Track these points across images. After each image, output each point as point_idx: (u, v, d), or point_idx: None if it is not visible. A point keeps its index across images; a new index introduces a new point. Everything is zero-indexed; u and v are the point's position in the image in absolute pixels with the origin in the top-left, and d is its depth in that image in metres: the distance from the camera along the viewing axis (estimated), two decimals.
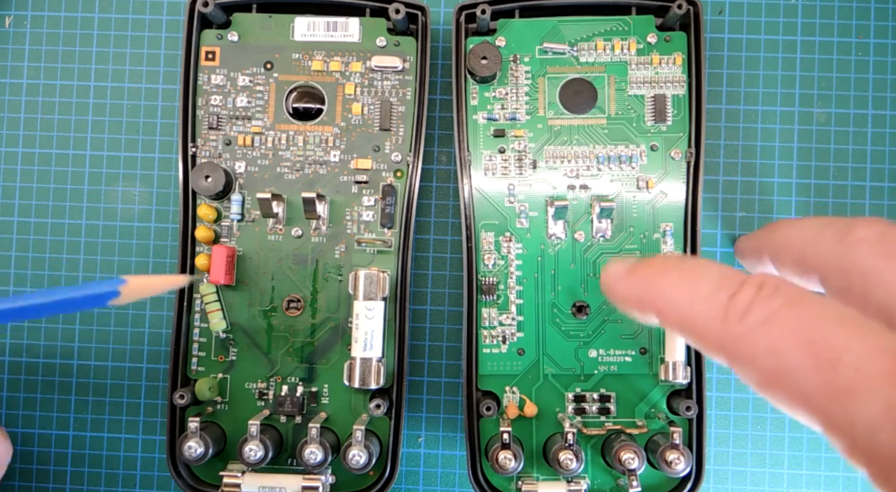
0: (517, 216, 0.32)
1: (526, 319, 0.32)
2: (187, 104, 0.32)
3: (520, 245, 0.32)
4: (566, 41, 0.32)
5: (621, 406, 0.31)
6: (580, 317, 0.31)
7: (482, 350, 0.32)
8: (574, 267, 0.32)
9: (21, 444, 0.35)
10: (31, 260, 0.35)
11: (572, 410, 0.31)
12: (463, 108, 0.32)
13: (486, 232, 0.32)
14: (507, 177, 0.32)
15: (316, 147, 0.33)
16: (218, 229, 0.33)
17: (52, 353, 0.35)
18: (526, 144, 0.32)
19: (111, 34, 0.35)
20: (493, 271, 0.32)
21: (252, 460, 0.30)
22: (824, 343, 0.16)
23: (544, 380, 0.32)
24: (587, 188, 0.32)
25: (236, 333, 0.32)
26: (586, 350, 0.31)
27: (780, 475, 0.34)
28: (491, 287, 0.32)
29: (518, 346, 0.32)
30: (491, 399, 0.31)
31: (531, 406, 0.31)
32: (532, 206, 0.32)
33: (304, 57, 0.33)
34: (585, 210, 0.32)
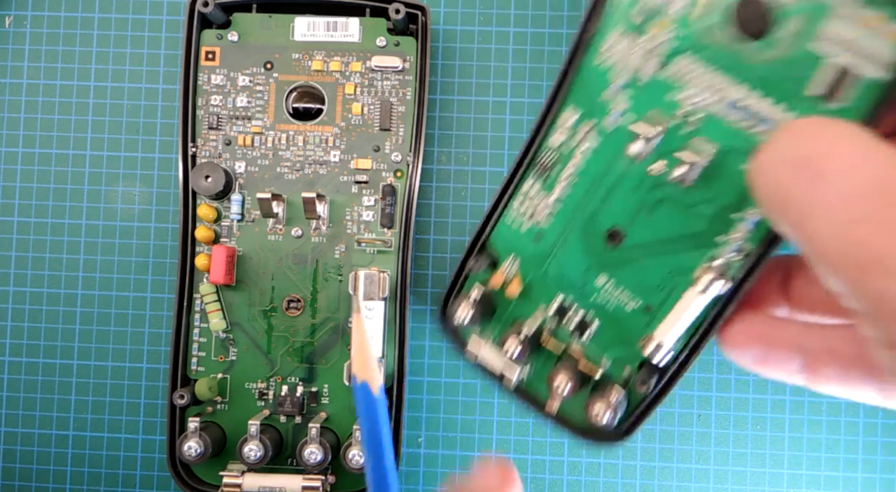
0: (608, 113, 0.26)
1: (560, 212, 0.28)
2: (187, 104, 0.32)
3: (596, 141, 0.27)
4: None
5: (597, 338, 0.29)
6: (610, 243, 0.28)
7: (506, 216, 0.29)
8: (634, 194, 0.27)
9: (21, 444, 0.35)
10: (31, 260, 0.35)
11: (554, 311, 0.29)
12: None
13: (573, 109, 0.27)
14: (622, 66, 0.25)
15: (316, 147, 0.33)
16: (218, 229, 0.33)
17: (52, 353, 0.35)
18: (666, 40, 0.25)
19: (111, 34, 0.35)
20: (557, 151, 0.27)
21: (252, 460, 0.30)
22: None
23: (543, 274, 0.29)
24: (695, 127, 0.25)
25: (236, 333, 0.33)
26: (596, 274, 0.28)
27: (780, 475, 0.34)
28: (545, 166, 0.28)
29: (539, 231, 0.29)
30: (487, 256, 0.29)
31: (516, 286, 0.29)
32: (631, 108, 0.26)
33: (304, 57, 0.33)
34: (679, 146, 0.25)
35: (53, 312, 0.35)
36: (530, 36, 0.35)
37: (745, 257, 0.24)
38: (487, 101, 0.35)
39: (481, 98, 0.35)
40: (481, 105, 0.35)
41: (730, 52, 0.23)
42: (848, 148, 0.17)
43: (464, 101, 0.35)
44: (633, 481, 0.34)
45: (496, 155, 0.35)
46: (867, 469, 0.34)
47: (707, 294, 0.25)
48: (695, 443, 0.34)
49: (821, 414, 0.34)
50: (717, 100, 0.24)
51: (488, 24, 0.35)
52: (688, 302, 0.25)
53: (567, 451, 0.34)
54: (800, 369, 0.22)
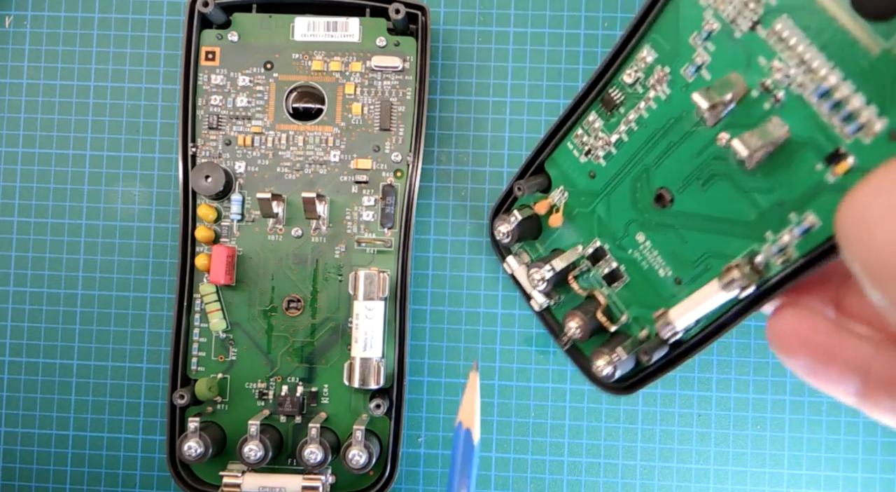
0: (690, 61, 0.23)
1: (616, 157, 0.27)
2: (187, 104, 0.32)
3: (668, 92, 0.24)
4: None
5: (624, 292, 0.28)
6: (656, 205, 0.26)
7: (567, 141, 0.28)
8: (693, 160, 0.24)
9: (21, 444, 0.35)
10: (31, 260, 0.35)
11: (590, 253, 0.28)
12: None
13: (651, 48, 0.24)
14: (717, 12, 0.22)
15: (316, 147, 0.33)
16: (218, 229, 0.33)
17: (52, 353, 0.35)
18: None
19: (111, 34, 0.35)
20: (627, 91, 0.26)
21: (252, 460, 0.30)
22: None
23: (590, 213, 0.28)
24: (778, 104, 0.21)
25: (236, 333, 0.33)
26: (637, 230, 0.27)
27: (780, 475, 0.34)
28: (613, 104, 0.26)
29: (593, 168, 0.27)
30: (543, 177, 0.30)
31: (558, 218, 0.29)
32: (713, 64, 0.23)
33: (304, 57, 0.33)
34: (757, 121, 0.22)
35: (53, 312, 0.35)
36: (530, 36, 0.35)
37: (787, 263, 0.22)
38: (487, 101, 0.35)
39: (481, 98, 0.35)
40: (481, 105, 0.35)
41: (839, 29, 0.19)
42: None
43: (464, 101, 0.35)
44: (633, 481, 0.34)
45: (496, 155, 0.35)
46: (867, 469, 0.34)
47: (728, 293, 0.23)
48: (695, 443, 0.34)
49: (821, 414, 0.34)
50: (808, 81, 0.20)
51: (488, 24, 0.35)
52: (709, 293, 0.24)
53: (567, 451, 0.34)
54: (856, 392, 0.19)
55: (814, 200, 0.21)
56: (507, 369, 0.34)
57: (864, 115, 0.19)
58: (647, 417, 0.34)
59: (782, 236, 0.22)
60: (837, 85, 0.19)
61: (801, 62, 0.20)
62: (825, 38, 0.19)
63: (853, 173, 0.20)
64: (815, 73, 0.20)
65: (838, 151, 0.20)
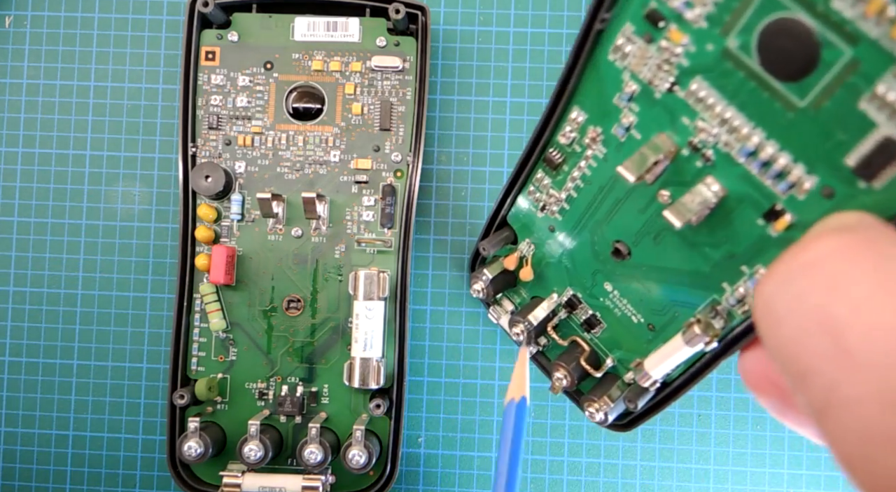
0: (617, 122, 0.23)
1: (570, 212, 0.26)
2: (187, 104, 0.32)
3: (604, 150, 0.24)
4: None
5: (604, 336, 0.28)
6: (615, 258, 0.25)
7: (523, 195, 0.28)
8: (640, 216, 0.24)
9: (21, 444, 0.35)
10: (31, 260, 0.35)
11: (566, 301, 0.28)
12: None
13: (579, 110, 0.24)
14: (633, 75, 0.21)
15: (316, 147, 0.33)
16: (218, 229, 0.33)
17: (52, 353, 0.35)
18: (678, 55, 0.20)
19: (111, 34, 0.35)
20: (566, 151, 0.25)
21: (252, 460, 0.30)
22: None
23: (558, 263, 0.28)
24: (709, 163, 0.20)
25: (236, 333, 0.33)
26: (603, 278, 0.26)
27: (780, 475, 0.34)
28: (555, 163, 0.25)
29: (552, 223, 0.27)
30: (509, 231, 0.29)
31: (528, 272, 0.29)
32: (640, 124, 0.22)
33: (304, 57, 0.33)
34: (692, 179, 0.21)
35: (53, 312, 0.35)
36: (530, 36, 0.35)
37: (748, 313, 0.22)
38: (487, 101, 0.35)
39: (481, 98, 0.35)
40: (481, 105, 0.35)
41: (754, 89, 0.18)
42: (887, 305, 0.12)
43: (464, 101, 0.35)
44: (633, 481, 0.34)
45: (496, 155, 0.35)
46: None
47: (692, 348, 0.23)
48: (695, 443, 0.34)
49: None
50: (733, 140, 0.19)
51: (488, 24, 0.35)
52: (675, 347, 0.23)
53: (567, 451, 0.34)
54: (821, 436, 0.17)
55: (761, 253, 0.20)
56: (507, 369, 0.34)
57: (793, 173, 0.18)
58: None
59: (738, 288, 0.22)
60: (762, 144, 0.19)
61: (722, 122, 0.19)
62: (742, 99, 0.19)
63: (794, 229, 0.19)
64: (738, 132, 0.19)
65: (775, 207, 0.19)
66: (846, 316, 0.13)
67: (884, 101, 0.16)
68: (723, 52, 0.19)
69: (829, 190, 0.18)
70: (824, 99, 0.17)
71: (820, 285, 0.13)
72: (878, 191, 0.17)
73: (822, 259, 0.14)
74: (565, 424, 0.34)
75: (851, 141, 0.17)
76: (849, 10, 0.15)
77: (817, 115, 0.17)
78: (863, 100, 0.16)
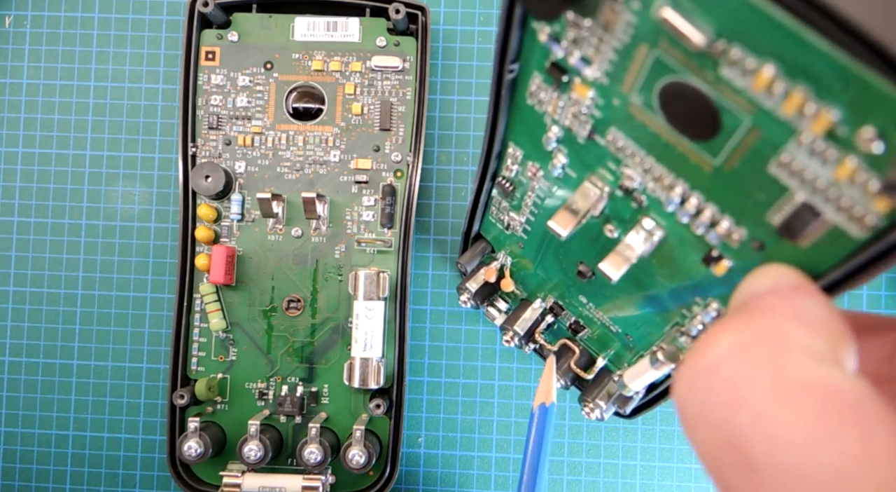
0: (550, 161, 0.22)
1: (532, 233, 0.26)
2: (187, 104, 0.32)
3: (546, 184, 0.23)
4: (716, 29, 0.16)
5: (591, 341, 0.28)
6: (581, 279, 0.25)
7: (489, 217, 0.28)
8: (593, 245, 0.23)
9: (21, 444, 0.35)
10: (31, 260, 0.35)
11: (550, 307, 0.28)
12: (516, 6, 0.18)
13: (514, 146, 0.23)
14: (554, 119, 0.20)
15: (316, 147, 0.33)
16: (218, 229, 0.33)
17: (52, 353, 0.35)
18: (589, 108, 0.19)
19: (111, 34, 0.35)
20: (514, 181, 0.24)
21: (252, 460, 0.30)
22: None
23: (533, 274, 0.28)
24: (642, 206, 0.20)
25: (236, 333, 0.32)
26: (576, 293, 0.26)
27: None
28: (506, 190, 0.25)
29: (519, 240, 0.27)
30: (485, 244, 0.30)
31: (508, 282, 0.29)
32: (572, 163, 0.21)
33: (304, 57, 0.33)
34: (630, 218, 0.21)
35: (53, 312, 0.35)
36: None
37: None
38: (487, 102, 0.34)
39: (481, 98, 0.35)
40: (481, 105, 0.35)
41: (667, 145, 0.17)
42: (787, 416, 0.12)
43: (464, 102, 0.35)
44: (633, 481, 0.34)
45: None
46: None
47: (659, 372, 0.23)
48: None
49: None
50: (658, 189, 0.19)
51: (488, 24, 0.35)
52: (644, 368, 0.24)
53: (567, 451, 0.34)
54: None
55: (710, 289, 0.20)
56: (507, 370, 0.34)
57: (722, 225, 0.18)
58: (647, 416, 0.34)
59: (697, 315, 0.21)
60: (687, 194, 0.18)
61: (645, 171, 0.19)
62: (658, 152, 0.18)
63: (734, 272, 0.18)
64: (661, 181, 0.18)
65: (711, 253, 0.19)
66: (748, 433, 0.12)
67: (791, 169, 0.15)
68: (629, 107, 0.18)
69: (757, 243, 0.17)
70: (734, 161, 0.16)
71: (721, 395, 0.13)
72: (804, 250, 0.16)
73: (721, 363, 0.13)
74: (565, 424, 0.34)
75: (770, 201, 0.16)
76: (739, 79, 0.14)
77: (732, 174, 0.17)
78: (771, 165, 0.15)
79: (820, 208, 0.15)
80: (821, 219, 0.15)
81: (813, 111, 0.13)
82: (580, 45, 0.17)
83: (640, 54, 0.16)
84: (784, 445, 0.11)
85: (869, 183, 0.14)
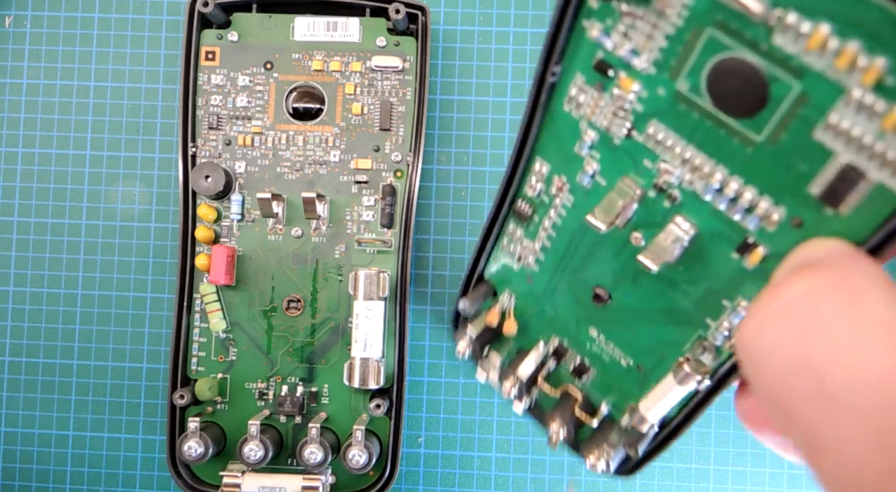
0: (581, 170, 0.23)
1: (546, 262, 0.26)
2: (187, 104, 0.32)
3: (571, 198, 0.24)
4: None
5: (594, 384, 0.27)
6: (596, 303, 0.25)
7: (497, 253, 0.28)
8: (615, 261, 0.24)
9: (21, 444, 0.35)
10: (31, 260, 0.35)
11: (552, 350, 0.28)
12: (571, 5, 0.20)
13: (542, 160, 0.24)
14: (591, 123, 0.21)
15: (316, 147, 0.33)
16: (218, 229, 0.33)
17: (52, 353, 0.35)
18: (632, 102, 0.20)
19: (111, 34, 0.35)
20: (534, 202, 0.25)
21: (252, 460, 0.30)
22: None
23: (540, 313, 0.27)
24: (676, 203, 0.20)
25: (236, 333, 0.33)
26: (587, 324, 0.26)
27: (780, 475, 0.34)
28: (524, 215, 0.25)
29: (530, 273, 0.27)
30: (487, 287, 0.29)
31: (512, 324, 0.28)
32: (604, 170, 0.22)
33: (304, 57, 0.33)
34: (662, 220, 0.21)
35: (53, 312, 0.35)
36: (530, 36, 0.35)
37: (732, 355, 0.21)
38: (487, 101, 0.35)
39: (481, 98, 0.35)
40: (481, 105, 0.35)
41: (710, 128, 0.18)
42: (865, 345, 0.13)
43: (464, 102, 0.35)
44: (633, 480, 0.34)
45: (496, 155, 0.35)
46: None
47: (684, 387, 0.22)
48: (695, 443, 0.34)
49: None
50: (696, 178, 0.19)
51: (488, 24, 0.35)
52: (668, 387, 0.23)
53: (567, 451, 0.34)
54: None
55: (740, 287, 0.20)
56: None
57: (761, 206, 0.18)
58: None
59: (722, 322, 0.22)
60: (726, 180, 0.19)
61: (684, 162, 0.20)
62: (700, 138, 0.19)
63: (768, 261, 0.19)
64: (701, 170, 0.19)
65: (747, 241, 0.19)
66: (825, 359, 0.13)
67: (838, 130, 0.16)
68: (674, 95, 0.19)
69: (797, 220, 0.18)
70: (780, 132, 0.17)
71: (797, 328, 0.13)
72: (845, 217, 0.17)
73: (797, 301, 0.14)
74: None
75: (813, 170, 0.17)
76: (791, 45, 0.16)
77: (776, 148, 0.17)
78: (818, 130, 0.16)
79: (864, 167, 0.16)
80: (865, 179, 0.16)
81: (865, 64, 0.15)
82: (631, 36, 0.19)
83: (693, 36, 0.18)
84: (860, 371, 0.12)
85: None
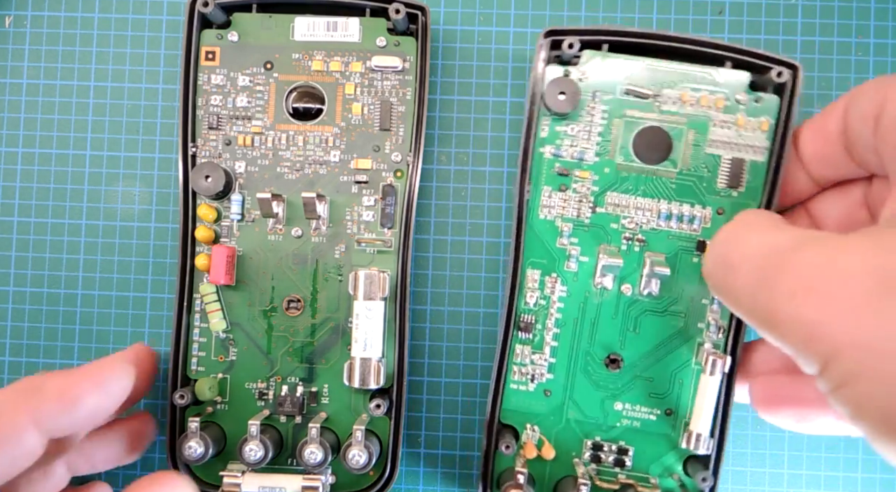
0: (566, 259, 0.31)
1: (558, 362, 0.31)
2: (187, 104, 0.32)
3: (564, 288, 0.31)
4: (650, 85, 0.30)
5: (637, 461, 0.31)
6: (612, 369, 0.31)
7: (509, 385, 0.31)
8: (615, 320, 0.31)
9: None
10: (31, 260, 0.35)
11: (589, 456, 0.31)
12: (531, 140, 0.30)
13: (533, 270, 0.31)
14: (563, 217, 0.31)
15: (316, 147, 0.33)
16: (218, 229, 0.33)
17: (51, 353, 0.35)
18: (589, 187, 0.31)
19: (111, 34, 0.35)
20: (534, 310, 0.31)
21: (252, 460, 0.30)
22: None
23: (566, 424, 0.31)
24: (643, 243, 0.30)
25: (236, 333, 0.33)
26: (612, 402, 0.31)
27: (779, 475, 0.34)
28: (528, 325, 0.31)
29: (546, 387, 0.31)
30: (509, 432, 0.31)
31: (549, 449, 0.31)
32: (584, 250, 0.31)
33: (304, 57, 0.33)
34: (638, 264, 0.31)
35: (53, 312, 0.35)
36: (530, 36, 0.35)
37: (726, 332, 0.30)
38: (487, 101, 0.35)
39: (481, 98, 0.35)
40: (481, 105, 0.35)
41: (647, 178, 0.30)
42: (745, 240, 0.24)
43: (464, 102, 0.35)
44: None
45: (496, 155, 0.35)
46: (867, 469, 0.34)
47: (716, 374, 0.29)
48: None
49: None
50: (649, 216, 0.31)
51: (488, 24, 0.35)
52: (704, 388, 0.29)
53: None
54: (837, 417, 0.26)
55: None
56: None
57: (696, 213, 0.30)
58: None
59: (708, 319, 0.31)
60: (668, 207, 0.31)
61: (637, 209, 0.31)
62: (642, 188, 0.31)
63: None
64: (650, 209, 0.31)
65: (700, 241, 0.31)
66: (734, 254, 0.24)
67: (717, 142, 0.30)
68: (616, 167, 0.31)
69: (720, 210, 0.30)
70: (686, 160, 0.31)
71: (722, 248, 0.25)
72: (744, 193, 0.30)
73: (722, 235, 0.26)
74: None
75: (714, 173, 0.30)
76: (672, 106, 0.30)
77: (689, 171, 0.31)
78: (706, 147, 0.30)
79: (741, 156, 0.30)
80: (743, 162, 0.30)
81: (713, 98, 0.30)
82: (575, 143, 0.31)
83: (616, 126, 0.31)
84: (747, 248, 0.23)
85: (761, 119, 0.30)
